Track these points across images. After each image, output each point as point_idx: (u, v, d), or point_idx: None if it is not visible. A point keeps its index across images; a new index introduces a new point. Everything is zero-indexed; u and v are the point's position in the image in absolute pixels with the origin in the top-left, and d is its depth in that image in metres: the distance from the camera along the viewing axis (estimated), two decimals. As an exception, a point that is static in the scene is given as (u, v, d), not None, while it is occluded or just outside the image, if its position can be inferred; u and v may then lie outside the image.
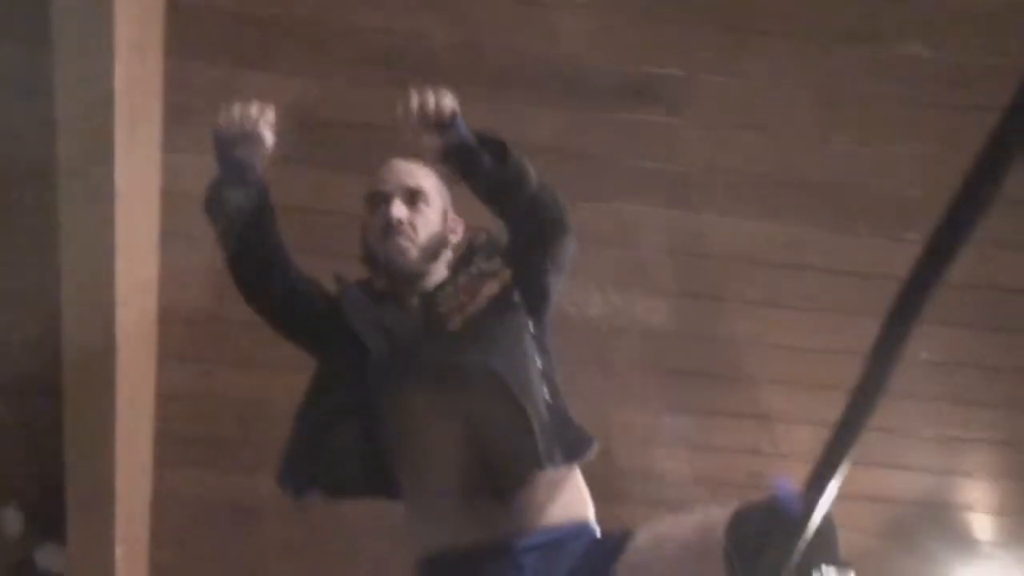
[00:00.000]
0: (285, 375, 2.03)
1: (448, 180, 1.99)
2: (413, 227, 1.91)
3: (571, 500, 1.83)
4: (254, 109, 1.80)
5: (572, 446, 1.79)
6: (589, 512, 1.86)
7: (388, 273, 1.94)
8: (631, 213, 2.75)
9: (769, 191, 2.72)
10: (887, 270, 2.63)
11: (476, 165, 1.81)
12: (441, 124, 1.78)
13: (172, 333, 2.78)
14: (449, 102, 1.78)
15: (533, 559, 1.75)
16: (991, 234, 2.75)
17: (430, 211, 1.94)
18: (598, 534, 1.84)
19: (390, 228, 1.89)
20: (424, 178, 1.97)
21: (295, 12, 2.51)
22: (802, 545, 1.12)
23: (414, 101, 1.77)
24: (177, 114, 2.52)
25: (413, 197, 1.93)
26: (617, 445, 2.90)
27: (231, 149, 1.81)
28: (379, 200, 1.93)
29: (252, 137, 1.80)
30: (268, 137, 1.81)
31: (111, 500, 2.72)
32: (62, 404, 2.55)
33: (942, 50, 2.56)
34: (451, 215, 2.01)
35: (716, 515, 1.63)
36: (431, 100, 1.77)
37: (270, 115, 1.81)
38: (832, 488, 1.04)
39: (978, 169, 0.82)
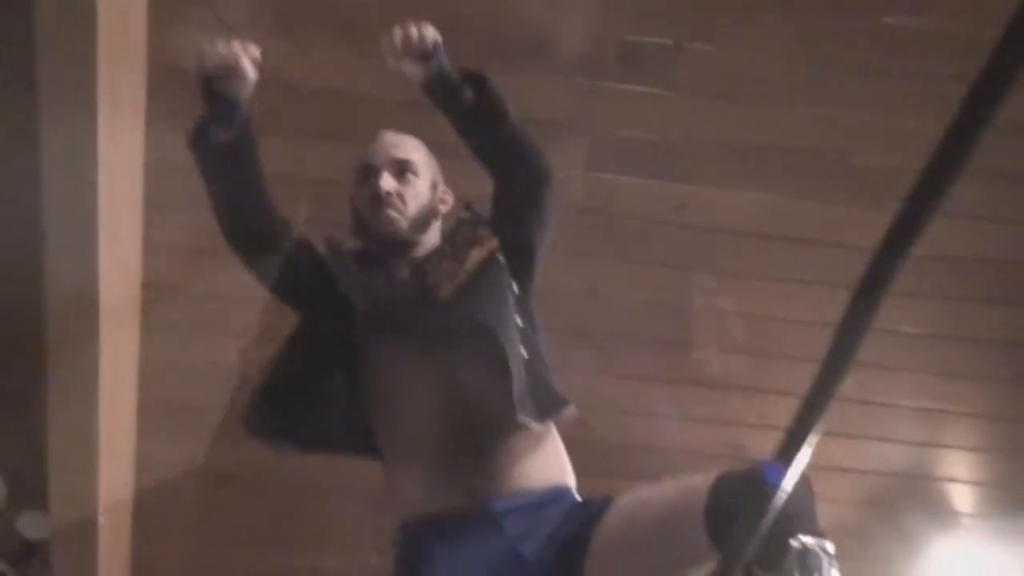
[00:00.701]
0: (270, 346, 2.04)
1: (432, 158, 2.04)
2: (402, 198, 1.95)
3: (550, 464, 1.86)
4: (237, 45, 1.81)
5: (546, 403, 1.84)
6: (569, 478, 1.89)
7: (378, 243, 1.97)
8: (612, 183, 2.73)
9: (752, 161, 2.71)
10: (871, 241, 2.61)
11: (456, 96, 1.88)
12: (424, 54, 1.86)
13: (156, 301, 2.76)
14: (431, 33, 1.86)
15: (513, 522, 1.78)
16: (974, 206, 2.80)
17: (419, 182, 1.99)
18: (578, 499, 1.87)
19: (379, 200, 1.94)
20: (413, 151, 2.01)
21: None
22: (773, 512, 1.12)
23: (398, 31, 1.85)
24: (161, 84, 2.51)
25: (402, 169, 1.97)
26: (599, 417, 2.90)
27: (215, 85, 1.81)
28: (368, 173, 1.96)
29: (235, 73, 1.80)
30: (251, 73, 1.81)
31: (94, 468, 2.72)
32: (45, 373, 2.54)
33: (926, 20, 2.55)
34: (441, 186, 2.06)
35: (698, 481, 1.64)
36: (414, 30, 1.85)
37: (253, 51, 1.82)
38: (802, 458, 1.04)
39: (949, 137, 0.82)
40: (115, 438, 2.79)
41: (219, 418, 2.82)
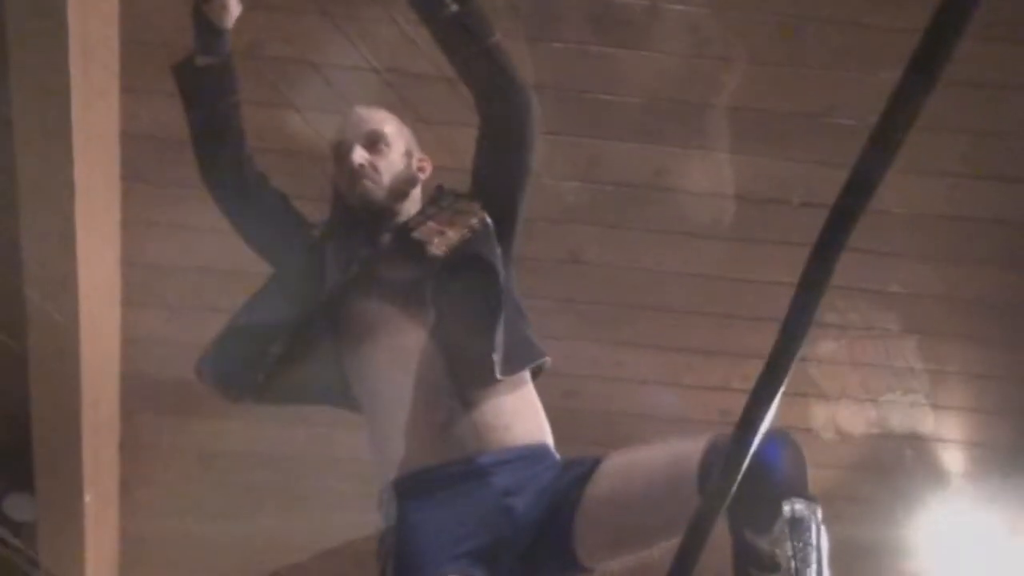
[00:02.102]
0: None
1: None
2: (376, 169, 1.99)
3: (530, 421, 1.90)
4: None
5: (525, 352, 1.89)
6: (548, 437, 1.92)
7: (360, 214, 2.00)
8: (592, 147, 2.71)
9: (736, 122, 2.69)
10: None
11: (440, 4, 1.93)
12: None
13: (136, 281, 2.75)
14: None
15: (501, 475, 1.81)
16: (965, 165, 2.77)
17: (391, 152, 2.02)
18: (558, 458, 1.89)
19: (354, 173, 1.97)
20: (382, 122, 2.05)
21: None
22: (740, 474, 1.12)
23: None
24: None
25: (373, 140, 2.01)
26: (584, 384, 2.90)
27: (202, 10, 1.94)
28: (342, 151, 2.00)
29: (223, 2, 1.93)
30: (235, 5, 1.95)
31: (78, 447, 2.72)
32: (27, 353, 2.53)
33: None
34: (417, 154, 2.08)
35: (691, 445, 1.65)
36: None
37: None
38: (766, 418, 1.04)
39: (900, 88, 0.81)
40: (99, 415, 2.78)
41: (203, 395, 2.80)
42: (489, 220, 1.96)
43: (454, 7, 1.94)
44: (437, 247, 1.92)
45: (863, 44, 2.61)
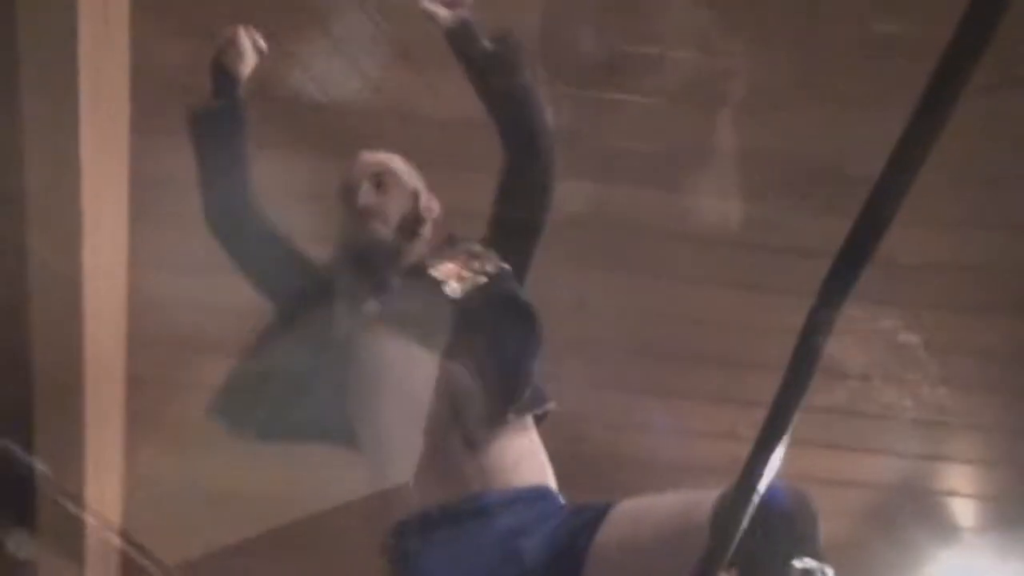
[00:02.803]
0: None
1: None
2: (383, 209, 2.02)
3: (534, 463, 1.90)
4: (241, 27, 2.02)
5: (532, 396, 1.90)
6: (551, 480, 1.92)
7: (369, 257, 2.02)
8: (601, 193, 2.72)
9: (741, 170, 2.69)
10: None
11: (475, 43, 2.02)
12: (455, 2, 2.02)
13: (141, 316, 2.75)
14: None
15: (507, 516, 1.80)
16: (974, 214, 2.76)
17: (399, 192, 2.05)
18: (562, 501, 1.89)
19: (361, 214, 2.01)
20: (389, 163, 2.08)
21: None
22: (744, 520, 1.11)
23: None
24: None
25: (380, 182, 2.04)
26: (590, 430, 2.89)
27: (219, 61, 2.01)
28: (349, 193, 2.03)
29: (235, 47, 2.01)
30: (249, 50, 2.02)
31: (81, 485, 2.70)
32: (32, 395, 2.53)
33: (921, 27, 2.53)
34: (425, 195, 2.10)
35: (702, 495, 1.65)
36: None
37: (256, 36, 2.04)
38: (770, 466, 1.04)
39: (906, 137, 0.82)
40: (103, 451, 2.77)
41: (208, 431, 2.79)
42: (507, 267, 1.98)
43: (490, 46, 2.02)
44: (454, 289, 1.93)
45: (877, 96, 2.62)
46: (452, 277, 1.94)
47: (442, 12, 2.02)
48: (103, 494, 2.86)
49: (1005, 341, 3.00)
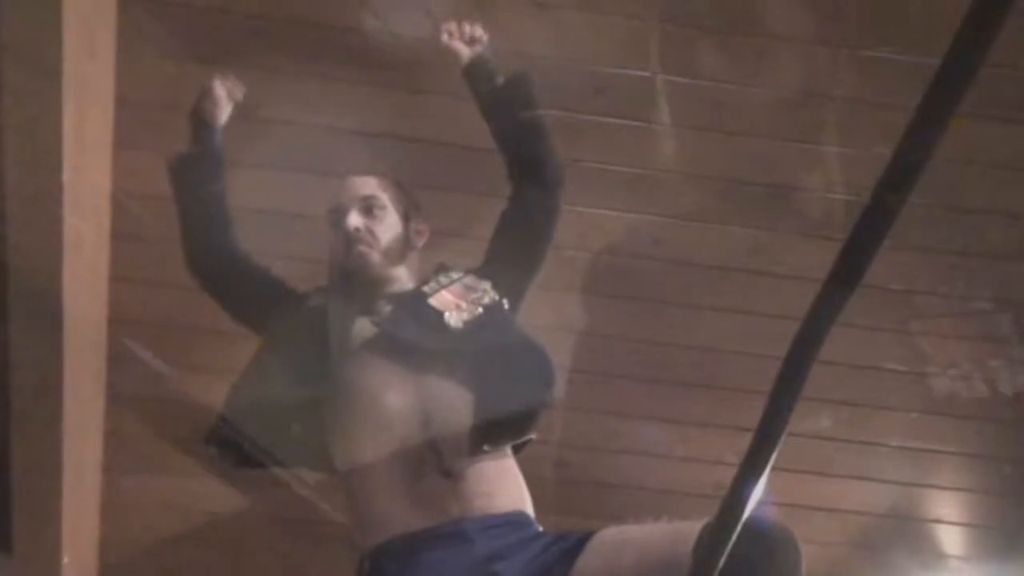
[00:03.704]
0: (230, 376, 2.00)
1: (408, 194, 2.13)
2: (372, 233, 2.02)
3: (512, 489, 1.91)
4: (219, 78, 2.12)
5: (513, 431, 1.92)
6: (529, 508, 1.93)
7: (355, 281, 2.03)
8: (588, 217, 2.71)
9: (730, 195, 2.68)
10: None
11: (490, 77, 2.12)
12: (472, 40, 2.14)
13: (122, 334, 2.72)
14: (482, 30, 2.16)
15: (485, 541, 1.81)
16: (960, 242, 2.76)
17: (388, 216, 2.06)
18: (540, 529, 1.90)
19: (350, 238, 2.00)
20: (378, 187, 2.09)
21: (247, 7, 2.49)
22: (727, 547, 1.10)
23: (455, 21, 2.16)
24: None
25: (368, 205, 2.05)
26: (576, 455, 2.86)
27: (198, 110, 2.10)
28: (338, 216, 2.04)
29: (211, 97, 2.09)
30: (223, 98, 2.10)
31: (58, 508, 2.67)
32: (8, 418, 2.49)
33: (911, 53, 2.53)
34: (415, 220, 2.11)
35: (686, 526, 1.65)
36: (468, 24, 2.16)
37: (232, 86, 2.13)
38: (754, 494, 1.03)
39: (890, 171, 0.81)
40: (81, 474, 2.73)
41: (186, 452, 2.76)
42: (506, 303, 2.00)
43: (501, 80, 2.11)
44: (454, 319, 1.94)
45: (867, 122, 2.62)
46: (451, 308, 1.95)
47: (464, 50, 2.13)
48: (79, 510, 2.82)
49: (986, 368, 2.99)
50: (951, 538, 3.18)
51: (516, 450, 1.96)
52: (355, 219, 2.01)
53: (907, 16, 2.50)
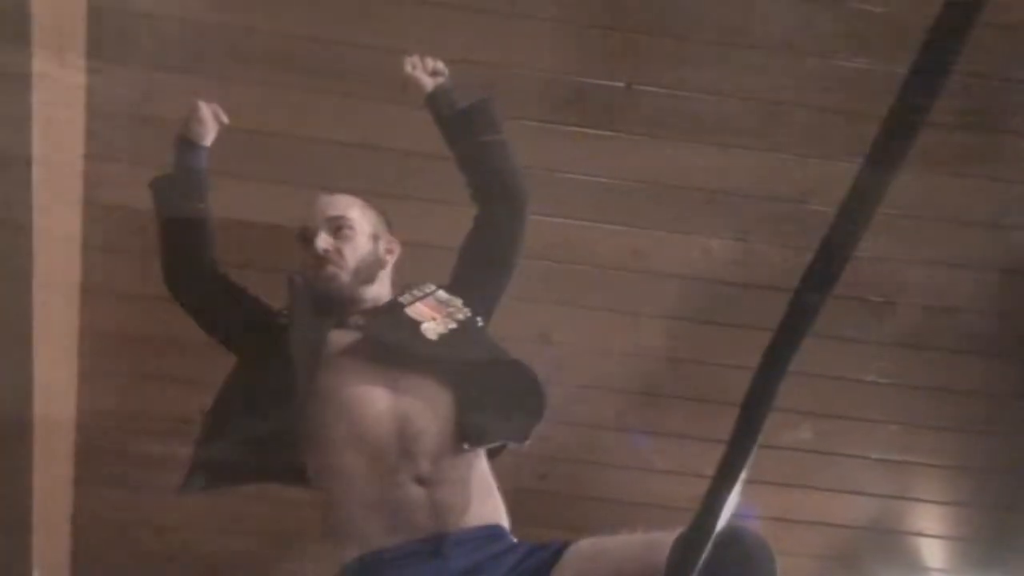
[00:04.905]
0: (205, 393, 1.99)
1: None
2: (340, 254, 2.04)
3: (487, 501, 1.91)
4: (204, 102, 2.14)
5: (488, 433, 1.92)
6: (504, 520, 1.93)
7: (326, 301, 2.04)
8: (565, 227, 2.70)
9: (707, 206, 2.68)
10: (840, 289, 2.58)
11: (452, 103, 2.17)
12: (434, 72, 2.20)
13: (95, 352, 2.69)
14: (442, 64, 2.21)
15: (459, 556, 1.81)
16: (940, 253, 2.76)
17: (357, 236, 2.07)
18: (515, 541, 1.89)
19: (318, 259, 2.02)
20: (347, 207, 2.10)
21: (219, 18, 2.48)
22: (700, 559, 1.09)
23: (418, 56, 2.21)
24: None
25: (337, 226, 2.06)
26: (556, 467, 2.85)
27: (183, 132, 2.12)
28: (307, 237, 2.05)
29: (196, 118, 2.12)
30: (208, 119, 2.13)
31: (28, 523, 2.64)
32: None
33: (885, 63, 2.54)
34: (385, 237, 2.12)
35: (661, 536, 1.64)
36: (430, 58, 2.21)
37: (218, 110, 2.15)
38: (727, 504, 1.02)
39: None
40: (51, 490, 2.70)
41: (157, 467, 2.72)
42: (479, 319, 2.02)
43: (462, 104, 2.16)
44: (430, 330, 1.96)
45: (843, 132, 2.61)
46: (427, 319, 1.98)
47: (425, 80, 2.18)
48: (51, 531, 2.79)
49: (976, 380, 2.99)
50: (932, 550, 3.16)
51: (491, 455, 1.96)
52: (323, 240, 2.02)
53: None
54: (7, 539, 2.67)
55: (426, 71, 2.19)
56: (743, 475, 1.01)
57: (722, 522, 1.05)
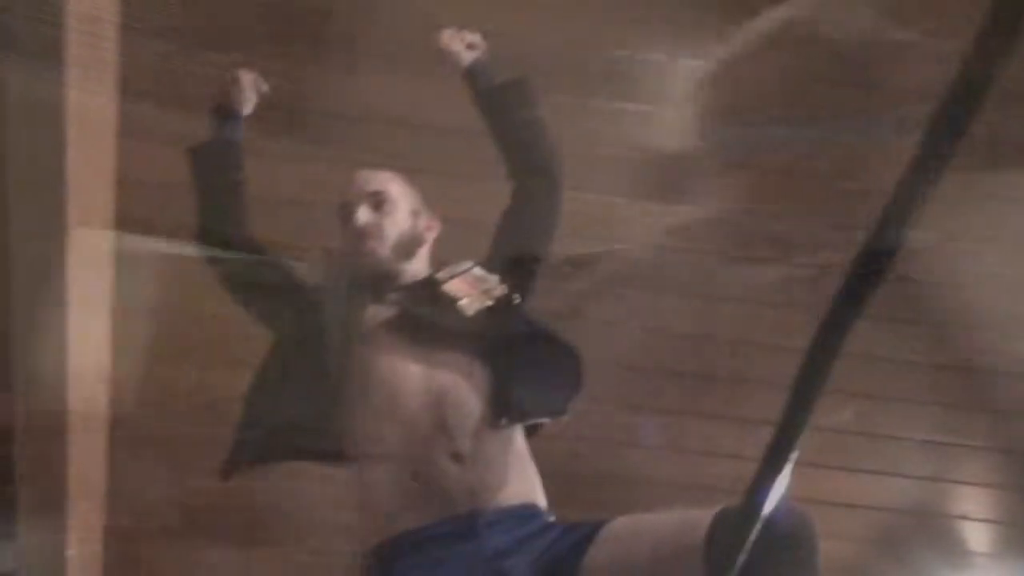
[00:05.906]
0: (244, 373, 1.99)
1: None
2: (380, 228, 2.04)
3: (524, 479, 1.89)
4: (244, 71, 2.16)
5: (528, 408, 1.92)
6: (541, 498, 1.91)
7: (367, 276, 2.04)
8: (606, 204, 2.67)
9: (750, 181, 2.64)
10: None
11: (489, 78, 2.15)
12: (471, 45, 2.18)
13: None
14: (480, 37, 2.19)
15: (493, 536, 1.78)
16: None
17: (397, 212, 2.08)
18: (551, 519, 1.87)
19: (358, 234, 2.01)
20: (387, 182, 2.11)
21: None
22: (747, 543, 1.07)
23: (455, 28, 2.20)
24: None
25: (377, 201, 2.06)
26: (589, 448, 2.83)
27: (221, 102, 2.13)
28: (347, 212, 2.05)
29: (235, 88, 2.13)
30: (248, 90, 2.14)
31: (64, 498, 2.66)
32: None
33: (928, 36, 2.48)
34: (424, 215, 2.13)
35: (698, 514, 1.63)
36: (467, 30, 2.20)
37: (258, 80, 2.16)
38: (775, 488, 1.01)
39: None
40: (86, 467, 2.72)
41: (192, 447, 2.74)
42: (515, 296, 2.01)
43: (500, 79, 2.15)
44: (468, 306, 1.95)
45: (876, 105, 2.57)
46: (464, 295, 1.97)
47: (463, 53, 2.17)
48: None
49: (1021, 363, 2.93)
50: (976, 534, 3.13)
51: (528, 433, 1.94)
52: (364, 215, 2.03)
53: None
54: (43, 517, 2.70)
55: (463, 44, 2.17)
56: (793, 456, 0.99)
57: (770, 504, 1.03)
